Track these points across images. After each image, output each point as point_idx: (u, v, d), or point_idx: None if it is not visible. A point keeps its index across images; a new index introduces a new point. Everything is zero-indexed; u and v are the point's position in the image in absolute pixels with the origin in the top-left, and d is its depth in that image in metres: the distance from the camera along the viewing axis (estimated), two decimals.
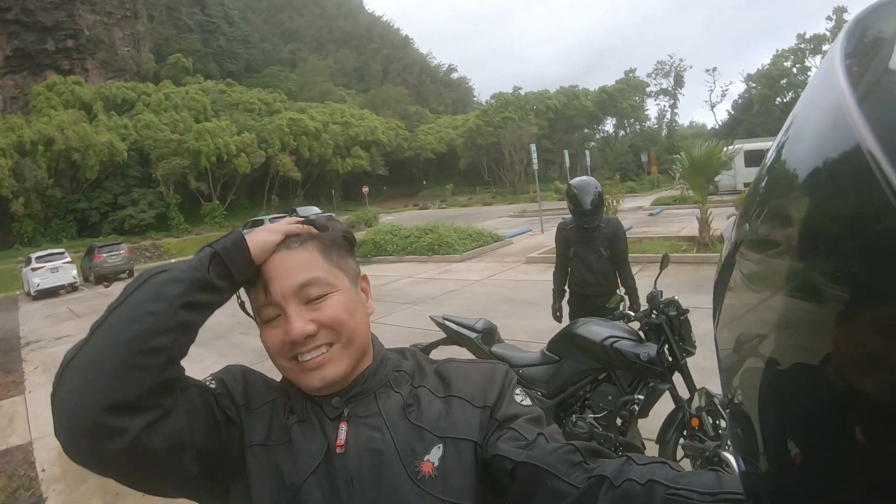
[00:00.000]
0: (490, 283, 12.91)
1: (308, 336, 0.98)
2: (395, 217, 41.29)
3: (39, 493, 5.20)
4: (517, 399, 1.07)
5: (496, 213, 37.57)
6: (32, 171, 45.31)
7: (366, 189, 52.63)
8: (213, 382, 1.04)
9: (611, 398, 3.68)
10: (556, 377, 3.79)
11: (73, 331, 13.49)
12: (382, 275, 15.71)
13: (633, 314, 3.81)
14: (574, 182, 4.87)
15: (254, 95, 71.45)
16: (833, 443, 0.37)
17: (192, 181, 52.41)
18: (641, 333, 3.64)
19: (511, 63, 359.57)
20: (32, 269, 23.75)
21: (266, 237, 1.03)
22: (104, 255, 26.55)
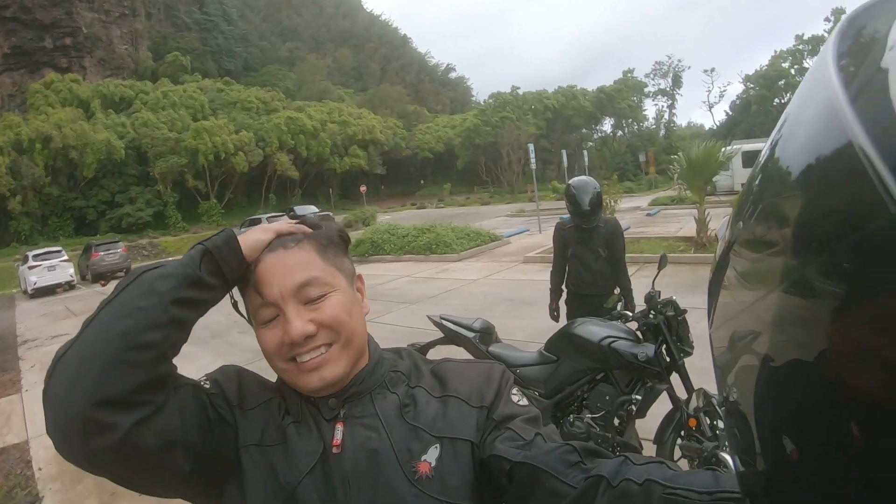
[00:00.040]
0: (487, 283, 12.91)
1: (308, 336, 0.98)
2: (393, 216, 41.21)
3: (36, 493, 5.18)
4: (514, 399, 1.06)
5: (494, 213, 37.53)
6: (30, 169, 45.30)
7: (363, 188, 52.79)
8: (208, 382, 1.03)
9: (608, 398, 3.67)
10: (554, 377, 3.79)
11: (70, 329, 13.35)
12: (380, 274, 15.71)
13: (631, 314, 3.82)
14: (573, 182, 4.86)
15: (252, 94, 71.40)
16: (828, 440, 0.37)
17: (190, 180, 52.42)
18: (639, 333, 3.63)
19: (509, 63, 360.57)
20: (29, 268, 23.67)
21: (257, 236, 1.03)
22: (101, 254, 26.51)
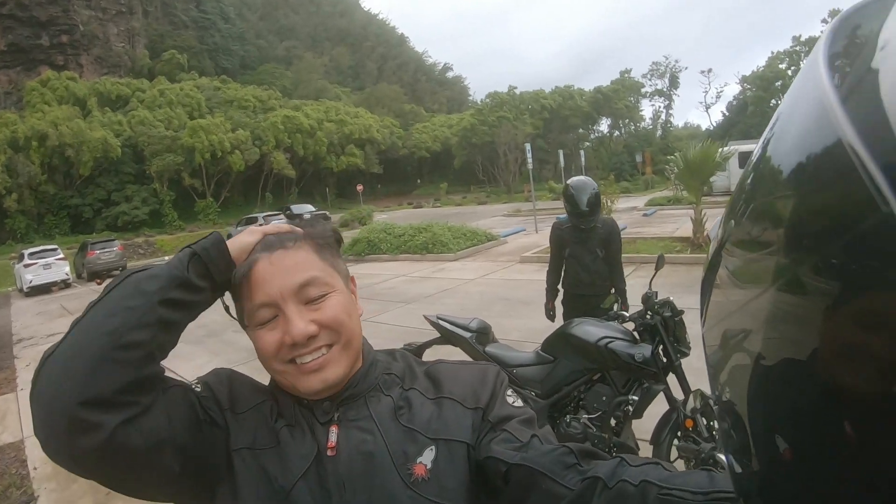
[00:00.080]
0: (484, 283, 12.90)
1: (310, 337, 0.97)
2: (390, 215, 41.17)
3: (31, 492, 5.16)
4: (509, 400, 1.06)
5: (490, 213, 37.51)
6: (26, 167, 45.18)
7: (360, 187, 52.81)
8: (199, 386, 1.02)
9: (605, 399, 3.68)
10: (551, 377, 3.79)
11: (66, 327, 13.04)
12: (376, 273, 15.72)
13: (628, 314, 3.82)
14: (571, 182, 4.85)
15: (248, 92, 71.26)
16: (820, 438, 0.37)
17: (186, 178, 52.36)
18: (636, 334, 3.64)
19: (506, 62, 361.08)
20: (25, 266, 23.65)
21: (244, 238, 1.03)
22: (97, 252, 26.53)
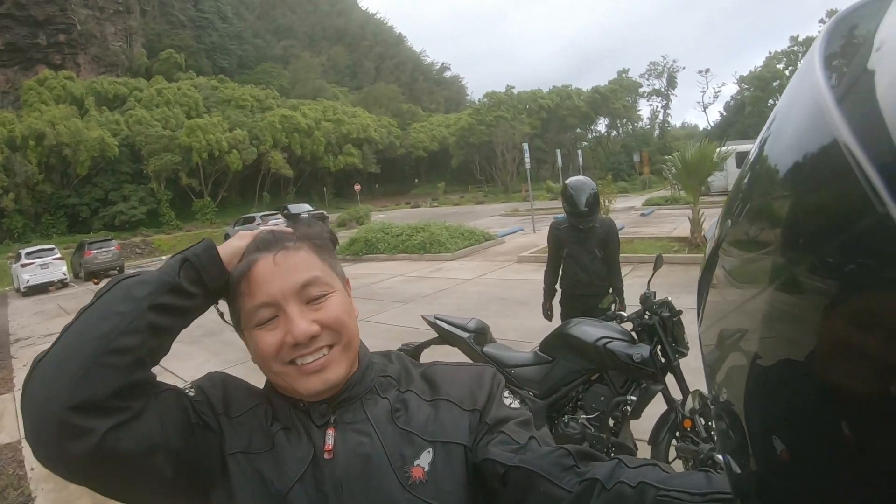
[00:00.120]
0: (481, 282, 12.90)
1: (312, 337, 0.96)
2: (387, 215, 41.11)
3: (28, 493, 5.15)
4: (506, 402, 1.06)
5: (488, 212, 37.54)
6: (23, 167, 45.07)
7: (357, 187, 52.84)
8: (192, 390, 1.01)
9: (603, 399, 3.68)
10: (549, 377, 3.79)
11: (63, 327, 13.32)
12: (374, 273, 15.71)
13: (626, 315, 3.82)
14: (570, 182, 4.85)
15: (246, 92, 71.18)
16: (817, 439, 0.37)
17: (184, 177, 52.29)
18: (634, 334, 3.64)
19: (504, 62, 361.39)
20: (22, 266, 23.64)
21: (234, 243, 1.03)
22: (94, 252, 26.50)
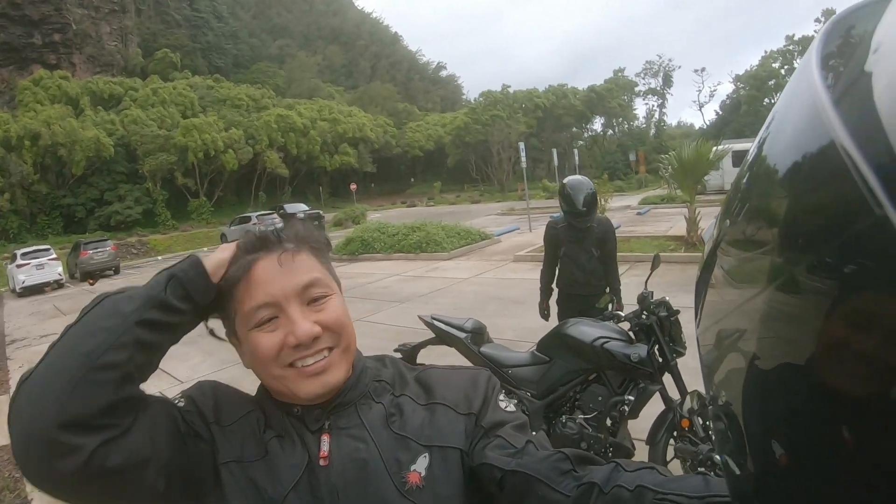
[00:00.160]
0: (478, 282, 12.90)
1: (314, 338, 0.95)
2: (383, 214, 41.00)
3: (24, 495, 5.13)
4: (502, 405, 1.06)
5: (484, 211, 37.56)
6: (18, 167, 44.82)
7: (353, 186, 52.81)
8: (182, 400, 1.01)
9: (601, 399, 3.68)
10: (546, 378, 3.79)
11: (59, 328, 12.64)
12: (370, 272, 15.71)
13: (623, 314, 3.82)
14: (568, 181, 4.84)
15: (242, 91, 70.88)
16: (815, 440, 0.37)
17: (179, 177, 52.07)
18: (631, 334, 3.64)
19: (500, 61, 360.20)
20: (18, 266, 23.56)
21: (218, 255, 1.01)
22: (90, 252, 26.37)
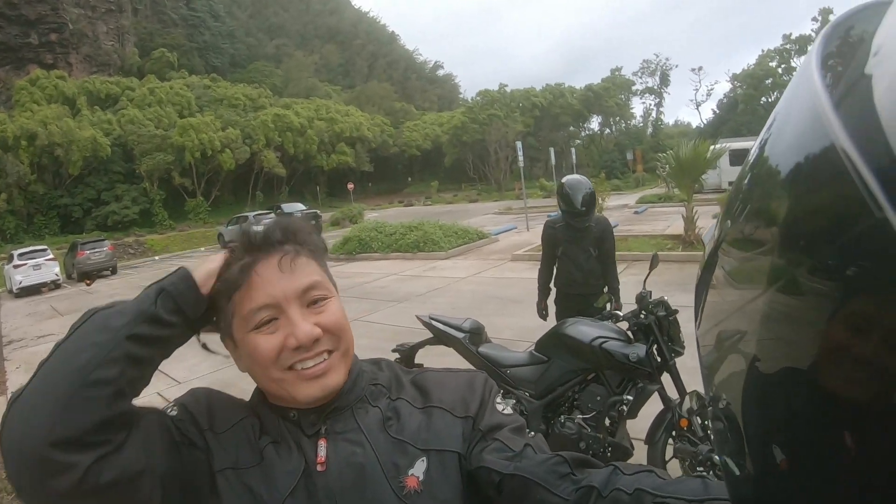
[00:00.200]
0: (475, 281, 12.90)
1: (315, 340, 0.94)
2: (380, 214, 41.03)
3: None
4: (499, 408, 1.05)
5: (481, 211, 37.58)
6: (15, 167, 44.78)
7: (351, 185, 52.89)
8: (175, 409, 1.00)
9: (599, 399, 3.67)
10: (545, 378, 3.78)
11: (56, 329, 13.32)
12: (367, 272, 15.70)
13: (622, 314, 3.81)
14: (566, 181, 4.84)
15: (238, 91, 70.96)
16: (815, 442, 0.37)
17: (176, 177, 52.08)
18: (630, 334, 3.63)
19: (497, 60, 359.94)
20: (14, 267, 23.49)
21: (207, 266, 1.00)
22: (87, 252, 26.29)
